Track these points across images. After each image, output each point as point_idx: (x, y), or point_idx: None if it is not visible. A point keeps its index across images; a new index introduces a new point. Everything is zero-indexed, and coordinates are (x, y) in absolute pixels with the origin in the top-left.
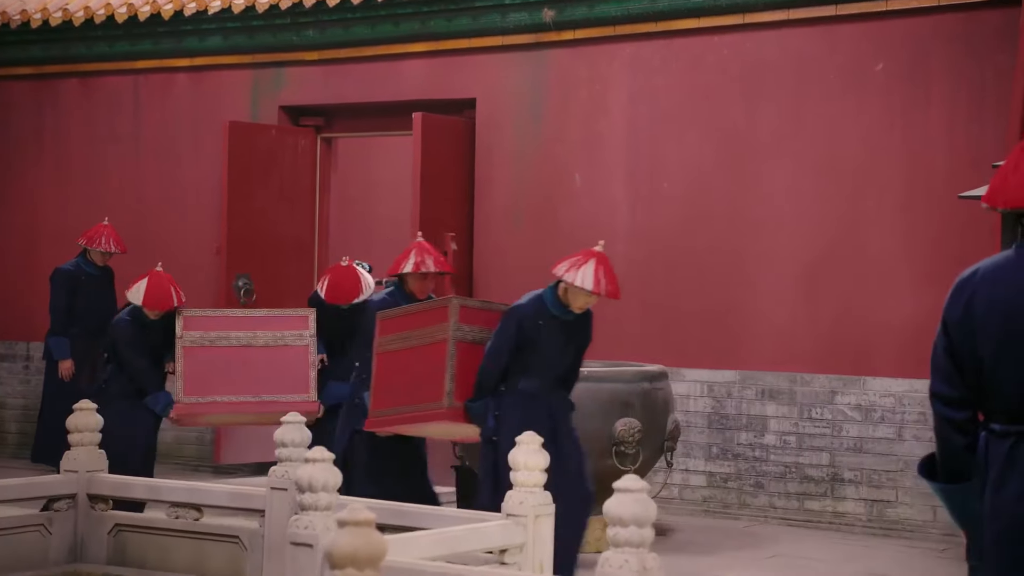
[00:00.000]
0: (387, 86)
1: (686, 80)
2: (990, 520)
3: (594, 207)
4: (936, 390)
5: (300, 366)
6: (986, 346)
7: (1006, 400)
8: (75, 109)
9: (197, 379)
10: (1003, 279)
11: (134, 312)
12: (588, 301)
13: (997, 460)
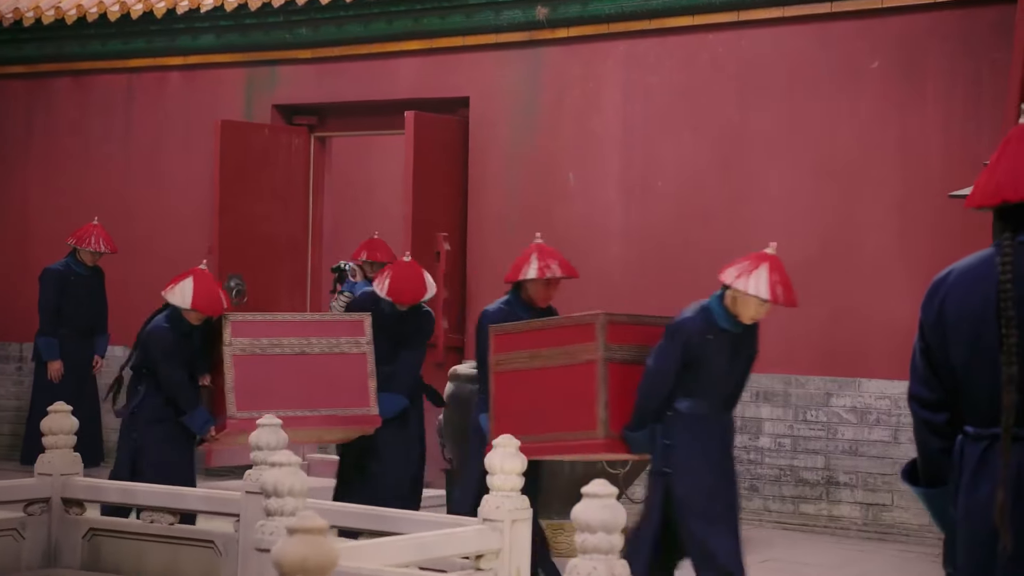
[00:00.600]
0: (381, 85)
1: (680, 78)
2: (962, 523)
3: (588, 206)
4: (914, 392)
5: (358, 375)
6: (958, 349)
7: (978, 403)
8: (69, 108)
9: (250, 391)
10: (975, 281)
11: (173, 318)
12: (760, 311)
13: (970, 463)
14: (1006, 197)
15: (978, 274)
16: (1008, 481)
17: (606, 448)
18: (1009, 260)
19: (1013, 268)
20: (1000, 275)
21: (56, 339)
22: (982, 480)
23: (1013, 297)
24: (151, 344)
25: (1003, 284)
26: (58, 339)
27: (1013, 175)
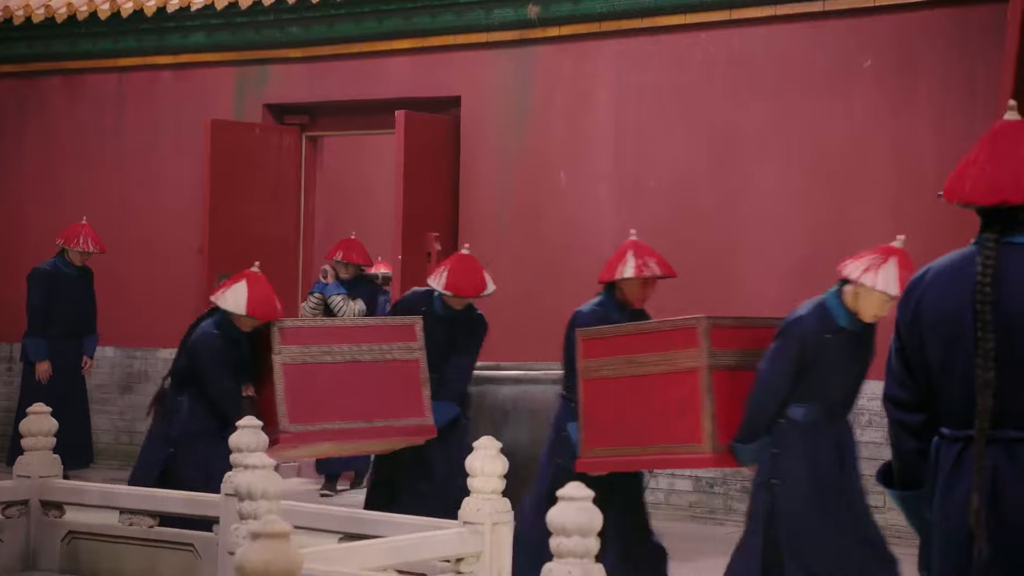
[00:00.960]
0: (372, 84)
1: (672, 77)
2: (938, 526)
3: (579, 206)
4: (889, 393)
5: (411, 383)
6: (934, 350)
7: (954, 405)
8: (59, 108)
9: (303, 403)
10: (953, 281)
11: (223, 323)
12: (884, 309)
13: (945, 466)
14: (1007, 198)
15: (956, 274)
16: (983, 484)
17: (714, 462)
18: (991, 262)
19: (994, 270)
20: (979, 276)
21: (45, 340)
22: (957, 482)
23: (991, 300)
24: (199, 351)
25: (981, 287)
26: (47, 340)
27: (1014, 176)
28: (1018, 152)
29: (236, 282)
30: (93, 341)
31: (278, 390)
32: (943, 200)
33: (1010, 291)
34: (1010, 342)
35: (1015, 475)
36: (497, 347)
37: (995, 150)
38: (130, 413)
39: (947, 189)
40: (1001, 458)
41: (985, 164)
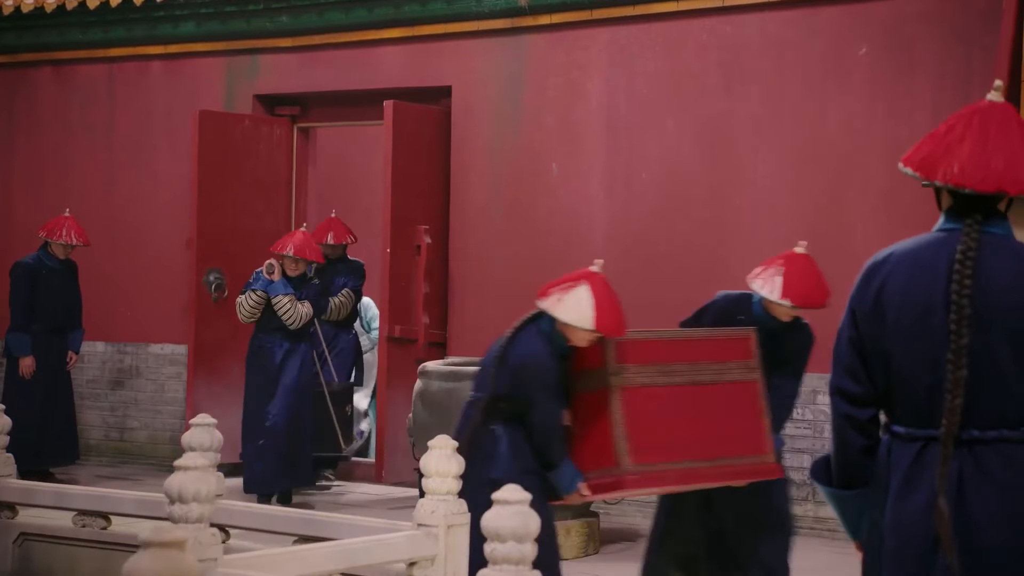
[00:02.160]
0: (363, 74)
1: (664, 65)
2: (891, 532)
3: (571, 198)
4: (838, 384)
5: (752, 411)
6: (895, 340)
7: (915, 401)
8: (49, 99)
9: (646, 437)
10: (921, 268)
11: (555, 337)
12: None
13: (901, 467)
14: (1004, 187)
15: (924, 261)
16: (949, 489)
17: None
18: (973, 252)
19: (975, 260)
20: (958, 266)
21: (28, 335)
22: (916, 487)
23: (970, 294)
24: (528, 372)
25: (961, 278)
26: (30, 335)
27: (1012, 165)
28: (1012, 139)
29: (573, 287)
30: (78, 336)
31: (616, 420)
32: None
33: (987, 284)
34: (984, 338)
35: (981, 479)
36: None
37: (987, 134)
38: (121, 409)
39: (920, 164)
40: (966, 461)
41: (978, 148)
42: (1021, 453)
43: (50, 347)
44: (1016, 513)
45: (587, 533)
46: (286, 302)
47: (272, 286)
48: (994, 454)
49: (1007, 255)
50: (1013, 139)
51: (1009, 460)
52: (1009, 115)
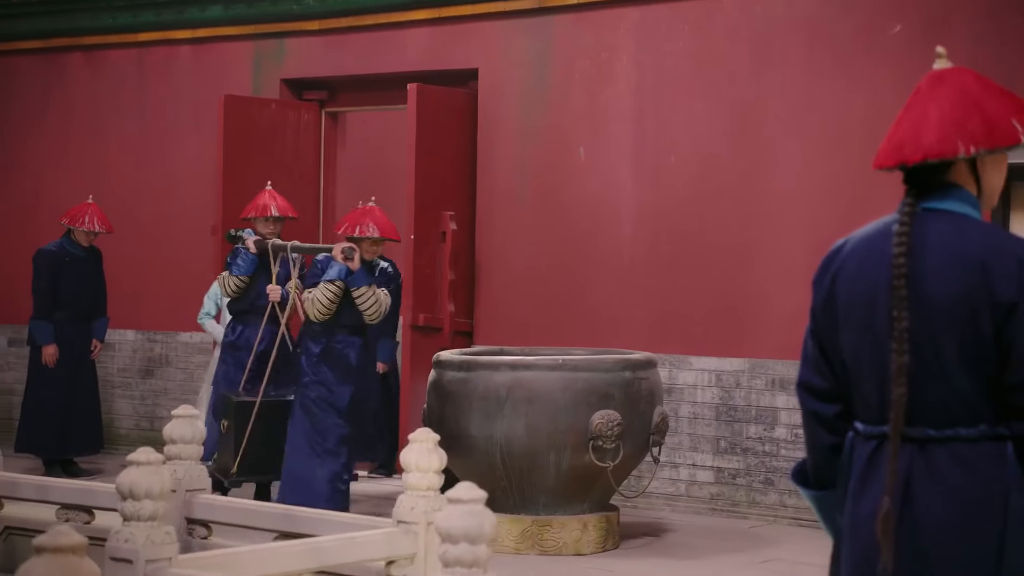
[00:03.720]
0: (390, 57)
1: (694, 46)
2: (846, 536)
3: (598, 183)
4: (803, 379)
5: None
6: (847, 332)
7: (867, 397)
8: (81, 84)
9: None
10: (870, 253)
11: None
12: None
13: (858, 467)
14: (905, 158)
15: (873, 245)
16: (895, 489)
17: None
18: (906, 231)
19: (909, 239)
20: (894, 248)
21: (51, 323)
22: (867, 488)
23: (907, 274)
24: None
25: (896, 258)
26: (53, 323)
27: (915, 130)
28: (928, 106)
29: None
30: (103, 324)
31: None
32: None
33: (932, 264)
34: (929, 324)
35: (930, 480)
36: (512, 331)
37: (911, 105)
38: (151, 398)
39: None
40: (916, 459)
41: (899, 121)
42: (975, 454)
43: (74, 335)
44: (965, 519)
45: (606, 527)
46: (370, 294)
47: (354, 277)
48: (946, 454)
49: (950, 234)
50: (931, 101)
51: (961, 461)
52: (947, 79)
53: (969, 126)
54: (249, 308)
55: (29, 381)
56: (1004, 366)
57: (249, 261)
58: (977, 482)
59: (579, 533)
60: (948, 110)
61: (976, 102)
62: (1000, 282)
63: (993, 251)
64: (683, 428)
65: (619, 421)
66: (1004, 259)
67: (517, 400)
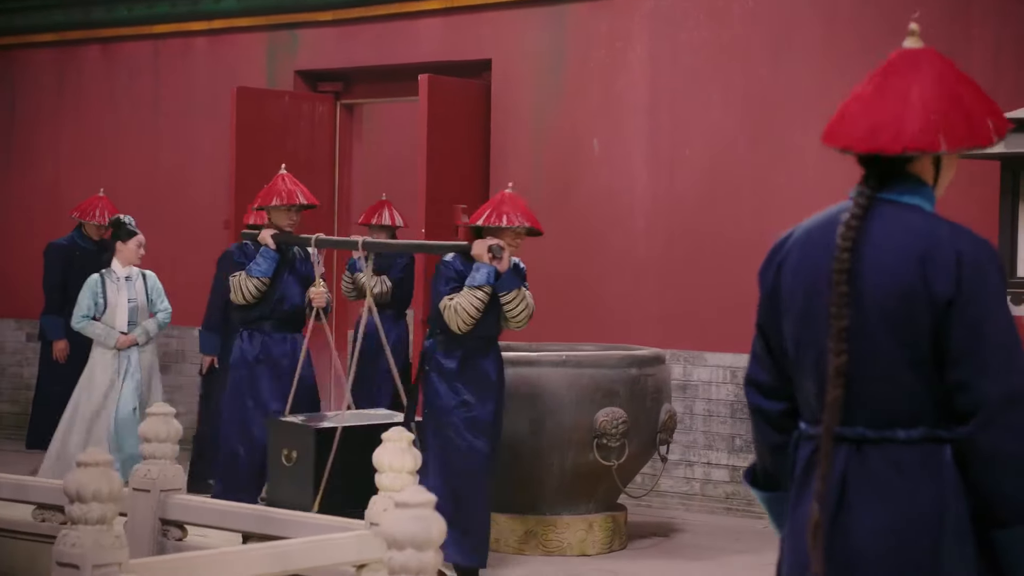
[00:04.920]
0: (403, 48)
1: (710, 34)
2: (787, 539)
3: (613, 176)
4: (749, 375)
5: None
6: (789, 326)
7: (807, 396)
8: (96, 76)
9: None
10: (811, 245)
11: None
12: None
13: (798, 469)
14: (883, 146)
15: (816, 236)
16: (828, 493)
17: None
18: (855, 222)
19: (857, 232)
20: (840, 240)
21: (61, 317)
22: (806, 491)
23: (848, 268)
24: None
25: (840, 252)
26: (64, 317)
27: (896, 117)
28: (909, 89)
29: None
30: None
31: None
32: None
33: (871, 258)
34: (868, 321)
35: (866, 484)
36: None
37: (885, 84)
38: (167, 394)
39: (826, 130)
40: (852, 463)
41: (870, 100)
42: (912, 456)
43: None
44: (900, 526)
45: (612, 528)
46: (520, 297)
47: (504, 280)
48: (882, 457)
49: (897, 227)
50: (911, 88)
51: (897, 464)
52: (919, 61)
53: (951, 120)
54: (268, 314)
55: (40, 377)
56: (942, 365)
57: (270, 259)
58: (913, 488)
59: (584, 533)
60: (931, 99)
61: (956, 95)
62: (937, 277)
63: (933, 245)
64: (698, 426)
65: (624, 419)
66: (943, 253)
67: (520, 397)
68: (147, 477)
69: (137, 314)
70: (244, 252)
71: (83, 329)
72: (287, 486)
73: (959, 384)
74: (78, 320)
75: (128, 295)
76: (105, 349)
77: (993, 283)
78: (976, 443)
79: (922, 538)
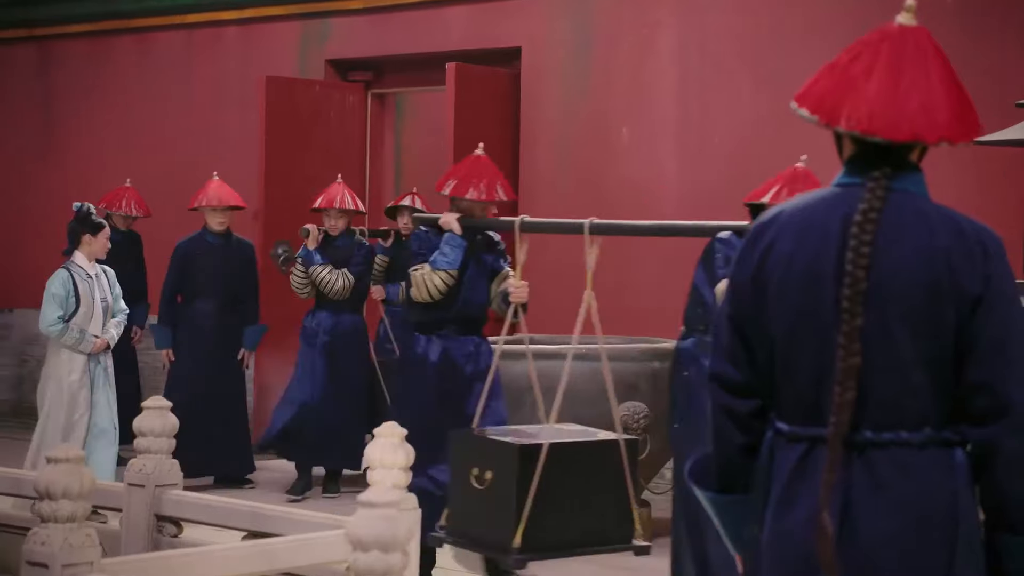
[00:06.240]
0: (434, 36)
1: (739, 20)
2: (770, 547)
3: (641, 166)
4: (716, 370)
5: None
6: (778, 318)
7: (799, 393)
8: (129, 67)
9: None
10: (809, 229)
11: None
12: None
13: (783, 473)
14: (920, 134)
15: (814, 222)
16: (835, 502)
17: None
18: (874, 215)
19: (876, 224)
20: (856, 230)
21: None
22: (799, 496)
23: (867, 264)
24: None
25: (859, 246)
26: None
27: (927, 106)
28: (929, 74)
29: None
30: (143, 310)
31: None
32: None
33: (887, 253)
34: (879, 318)
35: (872, 490)
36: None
37: (899, 68)
38: None
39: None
40: (856, 468)
41: (889, 86)
42: (921, 460)
43: None
44: (911, 534)
45: None
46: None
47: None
48: (888, 461)
49: (915, 219)
50: (931, 74)
51: (905, 469)
52: (924, 43)
53: (968, 111)
54: (453, 316)
55: None
56: (964, 364)
57: (459, 247)
58: (924, 493)
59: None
60: (953, 87)
61: (960, 84)
62: (965, 273)
63: (957, 238)
64: None
65: (646, 413)
66: (969, 247)
67: (541, 391)
68: (142, 472)
69: (106, 315)
70: (421, 241)
71: (58, 335)
72: (478, 514)
73: (982, 385)
74: (52, 323)
75: (100, 294)
76: (74, 354)
77: (1013, 278)
78: (1000, 446)
79: (936, 546)
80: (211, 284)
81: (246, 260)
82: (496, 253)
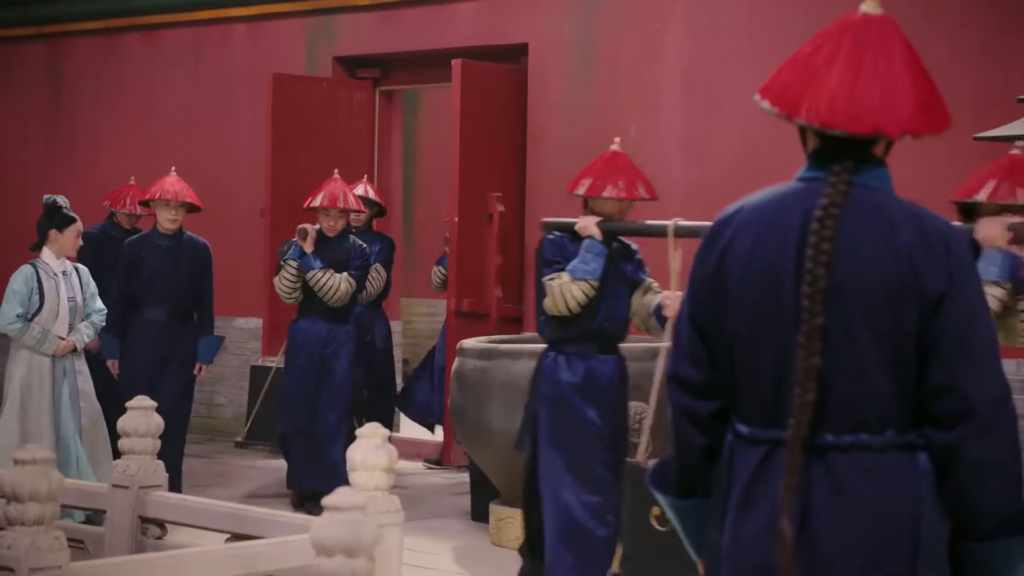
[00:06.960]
0: (440, 33)
1: (746, 17)
2: (729, 556)
3: (647, 162)
4: (675, 370)
5: None
6: (738, 317)
7: (759, 395)
8: (138, 64)
9: None
10: (769, 224)
11: None
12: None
13: (742, 478)
14: (881, 127)
15: (775, 218)
16: (795, 507)
17: None
18: (835, 210)
19: (838, 220)
20: (816, 226)
21: None
22: (757, 502)
23: (828, 261)
24: None
25: (819, 243)
26: None
27: (888, 98)
28: (891, 64)
29: None
30: None
31: None
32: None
33: (848, 250)
34: (843, 317)
35: (833, 495)
36: None
37: (860, 59)
38: (208, 384)
39: (778, 96)
40: (816, 473)
41: (849, 77)
42: (883, 465)
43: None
44: (872, 539)
45: None
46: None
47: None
48: (850, 465)
49: (877, 214)
50: (893, 64)
51: (868, 473)
52: (888, 33)
53: (936, 104)
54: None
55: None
56: (927, 365)
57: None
58: (886, 498)
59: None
60: (919, 78)
61: (927, 76)
62: (929, 271)
63: (920, 236)
64: None
65: (647, 413)
66: (933, 244)
67: None
68: (126, 473)
69: (75, 315)
70: (556, 248)
71: (18, 334)
72: (657, 557)
73: (946, 387)
74: (11, 321)
75: (67, 292)
76: (36, 356)
77: (976, 276)
78: (964, 450)
79: (898, 553)
80: (159, 290)
81: (199, 263)
82: (634, 262)
